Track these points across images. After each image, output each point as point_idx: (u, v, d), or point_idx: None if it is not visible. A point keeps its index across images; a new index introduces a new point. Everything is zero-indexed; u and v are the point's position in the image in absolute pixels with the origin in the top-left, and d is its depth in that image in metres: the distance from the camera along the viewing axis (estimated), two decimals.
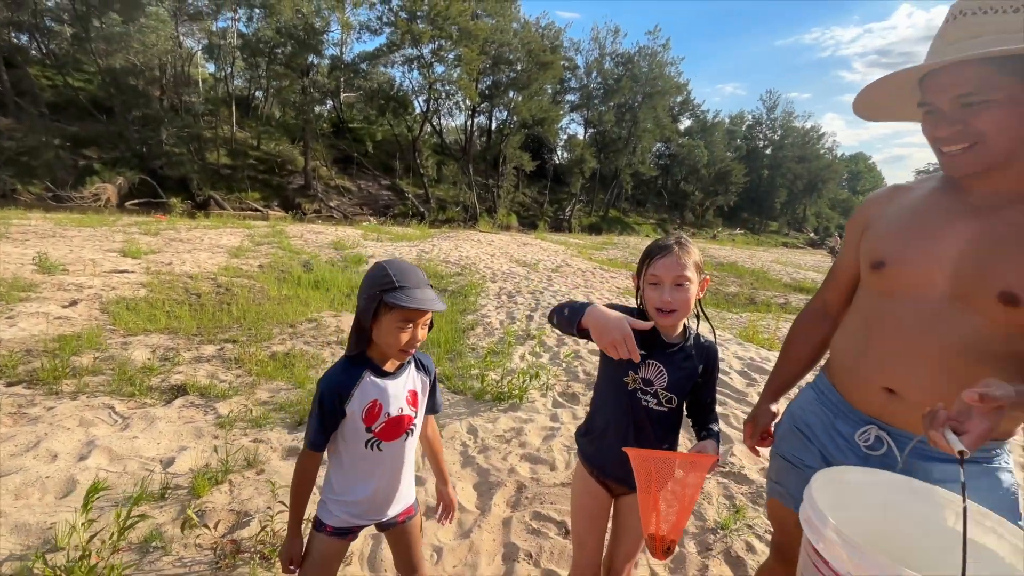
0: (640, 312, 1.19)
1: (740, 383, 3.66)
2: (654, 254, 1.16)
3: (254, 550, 1.73)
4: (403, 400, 1.18)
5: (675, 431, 1.24)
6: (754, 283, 11.55)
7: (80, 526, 1.56)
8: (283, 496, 2.00)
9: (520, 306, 6.00)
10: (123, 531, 1.51)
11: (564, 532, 2.01)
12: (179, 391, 3.02)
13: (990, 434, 0.71)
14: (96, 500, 1.60)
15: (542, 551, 1.90)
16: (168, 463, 2.26)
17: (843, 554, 0.70)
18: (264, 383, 3.24)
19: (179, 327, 4.20)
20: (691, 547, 1.96)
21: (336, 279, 6.60)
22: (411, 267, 1.12)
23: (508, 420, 2.99)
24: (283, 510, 1.82)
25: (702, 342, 1.24)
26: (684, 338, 1.21)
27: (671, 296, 1.12)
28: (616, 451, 1.16)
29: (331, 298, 5.78)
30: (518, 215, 37.48)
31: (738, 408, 3.24)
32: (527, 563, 1.84)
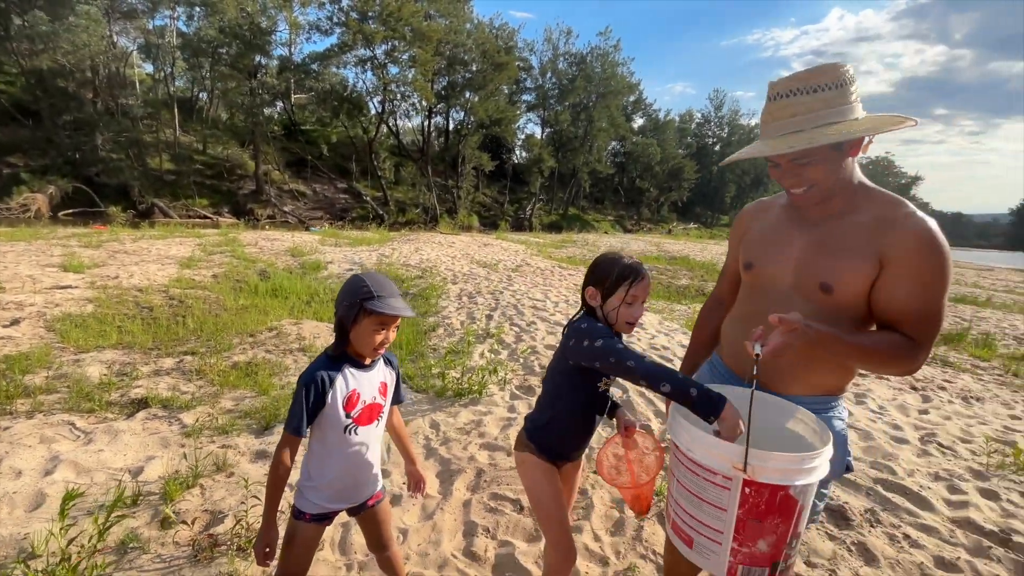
0: (606, 321, 1.32)
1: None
2: (633, 278, 1.29)
3: (231, 543, 1.86)
4: (376, 390, 1.38)
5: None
6: (704, 275, 12.17)
7: (58, 532, 1.65)
8: (256, 491, 2.13)
9: (480, 306, 6.20)
10: (103, 532, 1.61)
11: (519, 508, 2.23)
12: (141, 404, 3.05)
13: (784, 348, 1.02)
14: (70, 508, 1.69)
15: (499, 525, 2.12)
16: (137, 472, 2.33)
17: (684, 436, 1.05)
18: (228, 392, 3.30)
19: (133, 342, 4.16)
20: (629, 512, 2.23)
21: (295, 286, 6.59)
22: (385, 279, 1.31)
23: (468, 414, 3.19)
24: (257, 504, 1.96)
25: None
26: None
27: (639, 311, 1.33)
28: (576, 437, 1.43)
29: (290, 306, 5.79)
30: (479, 215, 37.58)
31: None
32: (485, 537, 2.05)
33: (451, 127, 38.71)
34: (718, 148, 53.54)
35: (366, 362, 1.36)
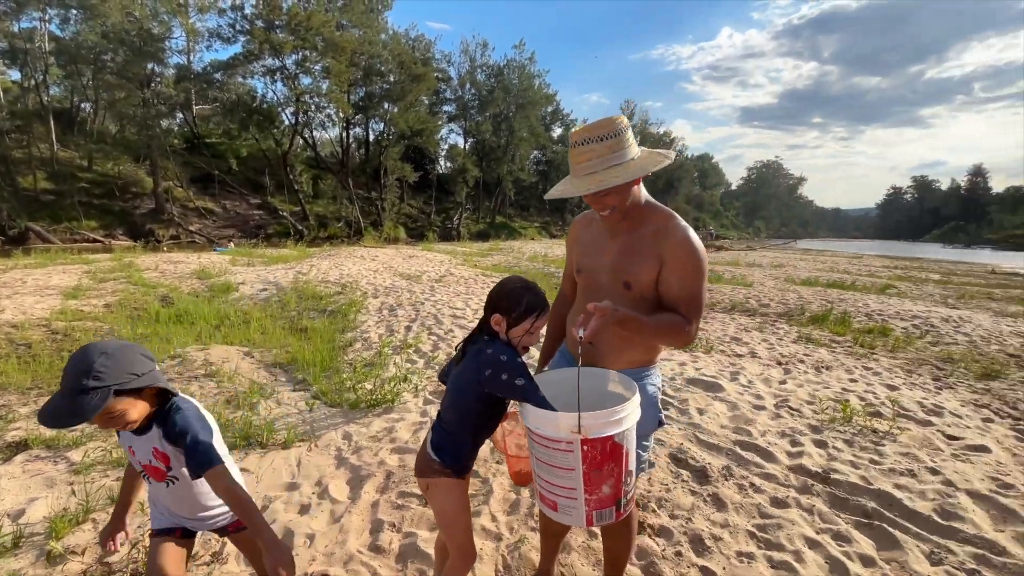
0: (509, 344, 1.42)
1: None
2: (540, 311, 1.40)
3: (126, 568, 1.87)
4: (149, 454, 1.30)
5: None
6: None
7: None
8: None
9: (401, 319, 6.27)
10: None
11: (424, 503, 2.41)
12: (19, 447, 2.85)
13: (601, 329, 1.28)
14: None
15: (404, 519, 2.28)
16: (18, 515, 2.23)
17: (532, 418, 1.29)
18: None
19: (8, 382, 3.82)
20: (524, 493, 2.48)
21: (202, 311, 6.28)
22: (70, 367, 1.11)
23: (381, 422, 3.30)
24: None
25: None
26: None
27: (538, 338, 1.51)
28: (480, 447, 1.56)
29: (197, 331, 5.53)
30: (406, 227, 37.09)
31: None
32: (391, 531, 2.20)
33: (371, 138, 37.98)
34: None
35: (139, 426, 1.27)
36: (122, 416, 1.18)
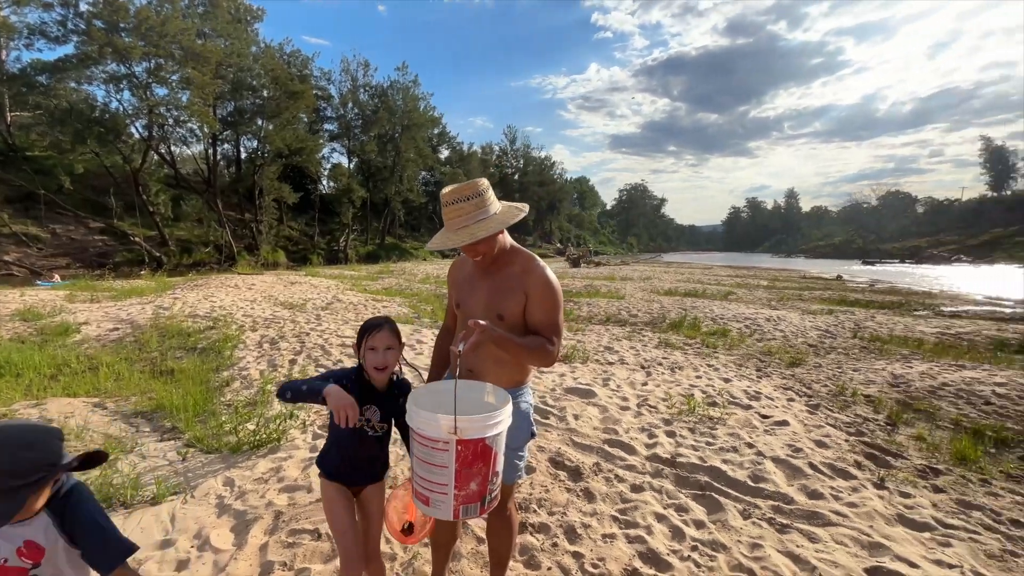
0: (361, 368, 1.71)
1: None
2: (371, 330, 1.67)
3: None
4: (11, 551, 1.06)
5: (385, 444, 1.82)
6: None
7: None
8: None
9: (284, 352, 5.99)
10: None
11: (317, 536, 2.44)
12: None
13: (478, 344, 1.51)
14: None
15: (296, 557, 2.29)
16: None
17: (416, 420, 1.45)
18: None
19: None
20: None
21: (31, 359, 5.37)
22: None
23: (267, 463, 3.21)
24: None
25: (399, 381, 1.83)
26: (391, 385, 1.79)
27: (384, 357, 1.69)
28: (351, 465, 1.75)
29: (26, 384, 4.74)
30: (286, 250, 34.60)
31: None
32: (283, 570, 2.21)
33: (243, 156, 35.04)
34: (516, 177, 59.81)
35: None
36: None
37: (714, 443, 3.51)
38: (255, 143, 33.48)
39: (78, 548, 1.11)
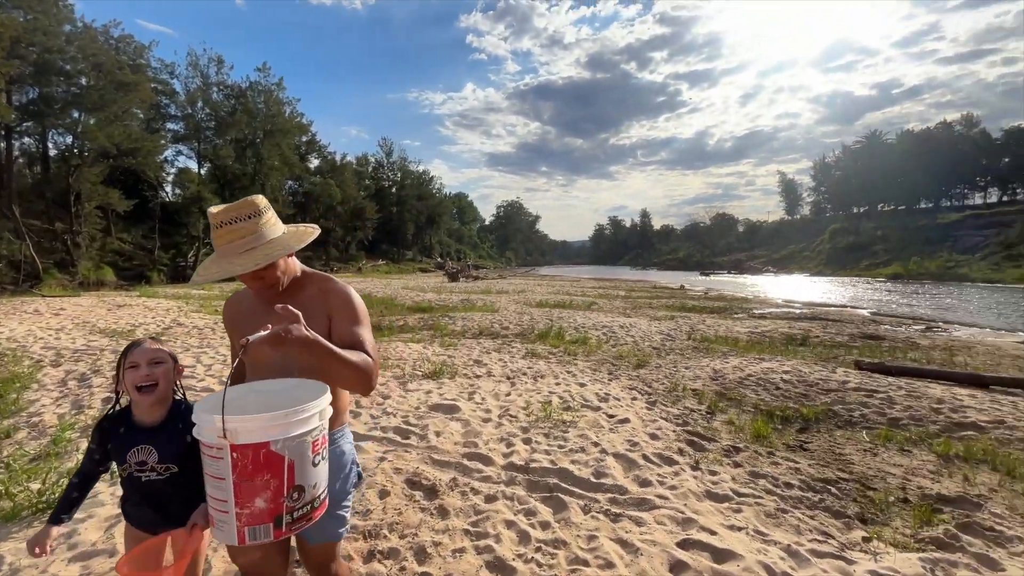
0: (117, 403, 1.47)
1: None
2: (130, 348, 1.48)
3: None
4: None
5: (187, 486, 1.46)
6: (383, 310, 13.13)
7: None
8: None
9: (97, 389, 5.06)
10: None
11: None
12: None
13: (274, 337, 1.26)
14: None
15: None
16: None
17: (195, 411, 1.20)
18: None
19: None
20: None
21: None
22: None
23: (55, 529, 2.65)
24: None
25: (184, 409, 1.56)
26: (170, 417, 1.51)
27: (149, 371, 1.46)
28: (138, 510, 1.51)
29: None
30: (116, 267, 29.21)
31: None
32: None
33: (53, 153, 29.00)
34: (394, 190, 58.52)
35: None
36: None
37: (565, 445, 3.77)
38: (69, 139, 27.95)
39: None
